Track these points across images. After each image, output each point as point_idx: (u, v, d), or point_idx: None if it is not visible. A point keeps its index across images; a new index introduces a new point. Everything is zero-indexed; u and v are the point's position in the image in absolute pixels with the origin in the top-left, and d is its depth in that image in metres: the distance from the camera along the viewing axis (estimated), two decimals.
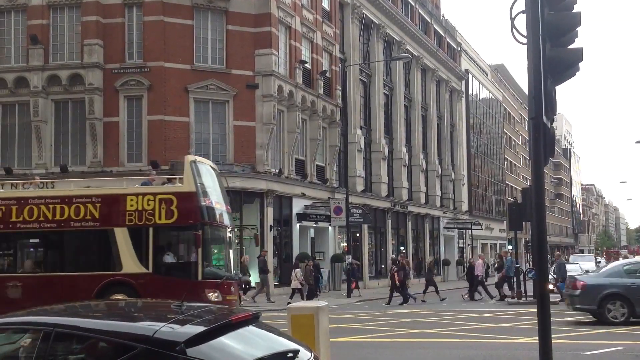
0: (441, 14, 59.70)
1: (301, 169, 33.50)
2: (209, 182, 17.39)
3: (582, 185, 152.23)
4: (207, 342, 4.30)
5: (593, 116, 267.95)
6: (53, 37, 29.24)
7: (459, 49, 62.46)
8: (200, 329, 4.37)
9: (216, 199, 17.22)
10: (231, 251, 18.00)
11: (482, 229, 59.63)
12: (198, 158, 18.20)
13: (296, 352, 4.76)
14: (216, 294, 16.41)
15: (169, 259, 16.87)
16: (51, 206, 17.03)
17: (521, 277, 26.70)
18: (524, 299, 25.36)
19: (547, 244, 8.15)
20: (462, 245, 58.77)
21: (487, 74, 73.85)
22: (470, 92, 64.71)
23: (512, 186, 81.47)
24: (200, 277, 16.16)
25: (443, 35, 57.98)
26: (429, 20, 54.47)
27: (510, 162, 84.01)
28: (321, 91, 34.73)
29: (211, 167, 18.28)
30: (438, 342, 13.55)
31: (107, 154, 28.59)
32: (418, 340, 13.72)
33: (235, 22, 29.76)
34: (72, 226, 16.87)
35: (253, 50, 29.82)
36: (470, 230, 56.84)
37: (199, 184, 16.61)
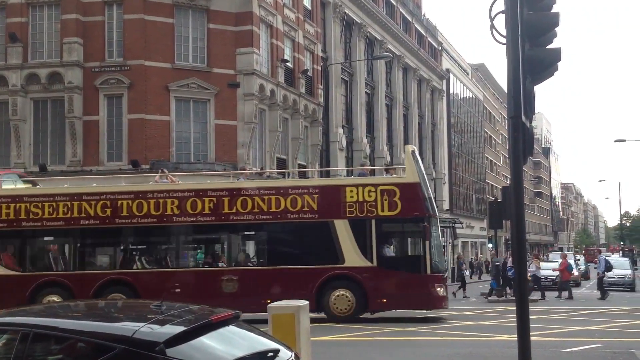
0: (422, 13, 59.91)
1: (283, 168, 33.47)
2: (424, 172, 17.19)
3: (561, 183, 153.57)
4: (187, 342, 4.29)
5: (572, 115, 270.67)
6: (32, 35, 28.94)
7: (440, 48, 62.74)
8: (180, 329, 4.35)
9: (430, 189, 17.09)
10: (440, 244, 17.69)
11: (463, 228, 59.95)
12: (413, 146, 17.84)
13: (276, 351, 4.76)
14: (442, 289, 16.30)
15: (392, 251, 16.50)
16: (266, 197, 16.65)
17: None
18: (505, 296, 25.55)
19: (527, 242, 8.22)
20: (443, 244, 58.97)
21: (467, 74, 74.26)
22: (452, 91, 65.02)
23: (492, 185, 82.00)
24: (429, 271, 15.95)
25: (424, 34, 58.20)
26: (410, 19, 54.65)
27: (491, 160, 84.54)
28: (303, 90, 34.72)
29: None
30: (419, 340, 13.60)
31: (86, 153, 28.36)
32: (399, 339, 13.76)
33: (216, 20, 29.66)
34: (289, 218, 16.50)
35: (234, 49, 29.73)
36: (451, 229, 57.08)
37: (420, 175, 16.37)
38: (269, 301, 9.67)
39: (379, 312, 17.27)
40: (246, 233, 17.84)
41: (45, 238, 18.15)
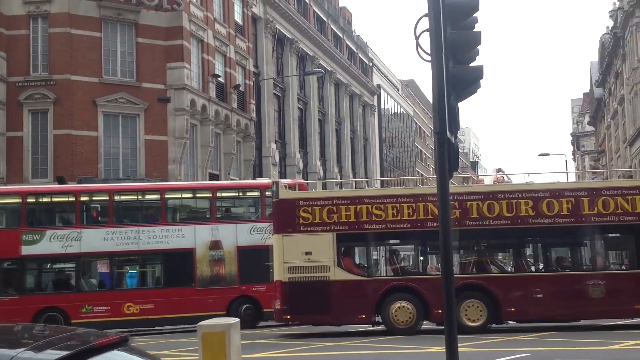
0: (353, 30, 60.71)
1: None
2: None
3: None
4: None
5: (499, 130, 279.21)
6: None
7: (371, 64, 63.66)
8: (60, 354, 4.20)
9: None
10: None
11: None
12: None
13: None
14: None
15: None
16: (629, 197, 15.86)
17: None
18: None
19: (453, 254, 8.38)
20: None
21: (398, 89, 75.55)
22: (383, 106, 65.99)
23: None
24: None
25: (355, 51, 58.97)
26: (341, 36, 55.30)
27: (422, 174, 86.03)
28: (235, 105, 34.58)
29: None
30: (349, 354, 13.63)
31: (10, 170, 27.45)
32: (330, 354, 13.76)
33: (145, 35, 29.27)
34: None
35: (164, 64, 29.40)
36: None
37: None
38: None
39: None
40: (610, 235, 17.23)
41: (390, 241, 17.47)
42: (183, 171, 29.87)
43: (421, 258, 17.84)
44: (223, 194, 21.66)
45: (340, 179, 51.74)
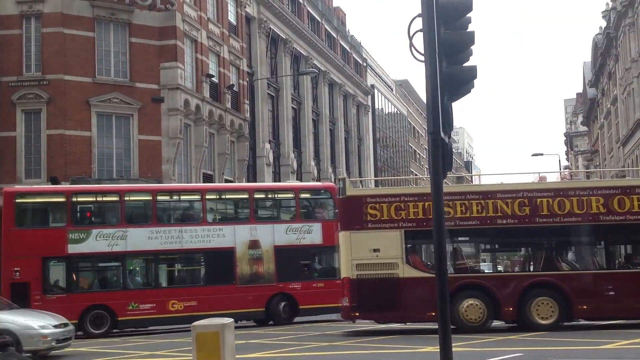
0: (347, 30, 60.75)
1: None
2: None
3: None
4: None
5: (492, 130, 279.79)
6: None
7: (365, 64, 63.71)
8: None
9: None
10: None
11: None
12: None
13: None
14: None
15: None
16: None
17: None
18: None
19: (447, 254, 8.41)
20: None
21: (392, 89, 75.63)
22: (377, 106, 66.06)
23: None
24: None
25: (349, 51, 59.00)
26: (335, 36, 55.32)
27: (416, 174, 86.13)
28: (229, 105, 34.55)
29: None
30: (345, 354, 13.65)
31: (3, 170, 27.37)
32: (325, 354, 13.77)
33: (139, 34, 29.23)
34: None
35: (158, 64, 29.36)
36: None
37: None
38: None
39: None
40: None
41: (459, 238, 17.25)
42: (177, 171, 29.83)
43: (490, 255, 17.80)
44: (260, 196, 22.79)
45: (334, 179, 51.73)
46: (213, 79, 33.23)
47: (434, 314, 16.24)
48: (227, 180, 34.66)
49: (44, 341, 14.32)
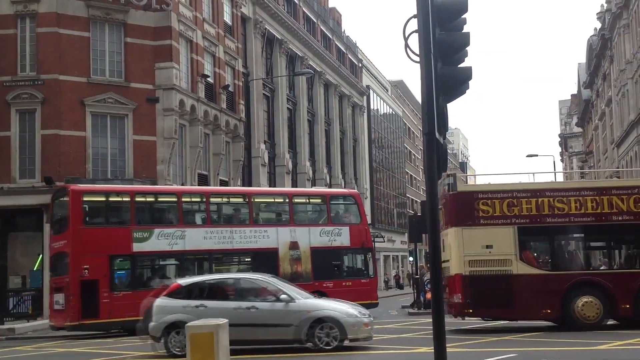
0: (342, 30, 60.77)
1: (204, 184, 33.08)
2: None
3: None
4: None
5: (487, 131, 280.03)
6: None
7: (360, 65, 63.72)
8: None
9: None
10: None
11: (384, 242, 60.76)
12: None
13: None
14: None
15: None
16: None
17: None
18: (423, 309, 25.95)
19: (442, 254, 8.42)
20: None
21: (387, 90, 75.65)
22: (372, 107, 66.07)
23: (412, 199, 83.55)
24: None
25: (345, 51, 59.01)
26: (330, 36, 55.32)
27: (411, 175, 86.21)
28: (224, 105, 34.52)
29: None
30: (338, 355, 13.64)
31: None
32: (317, 355, 13.76)
33: (134, 34, 29.17)
34: None
35: (153, 64, 29.31)
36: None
37: None
38: None
39: None
40: None
41: (574, 235, 17.27)
42: (172, 172, 29.79)
43: (606, 252, 17.67)
44: (298, 200, 24.74)
45: (330, 180, 51.78)
46: (208, 79, 33.19)
47: (549, 311, 16.24)
48: (222, 181, 34.65)
49: (366, 330, 13.73)
